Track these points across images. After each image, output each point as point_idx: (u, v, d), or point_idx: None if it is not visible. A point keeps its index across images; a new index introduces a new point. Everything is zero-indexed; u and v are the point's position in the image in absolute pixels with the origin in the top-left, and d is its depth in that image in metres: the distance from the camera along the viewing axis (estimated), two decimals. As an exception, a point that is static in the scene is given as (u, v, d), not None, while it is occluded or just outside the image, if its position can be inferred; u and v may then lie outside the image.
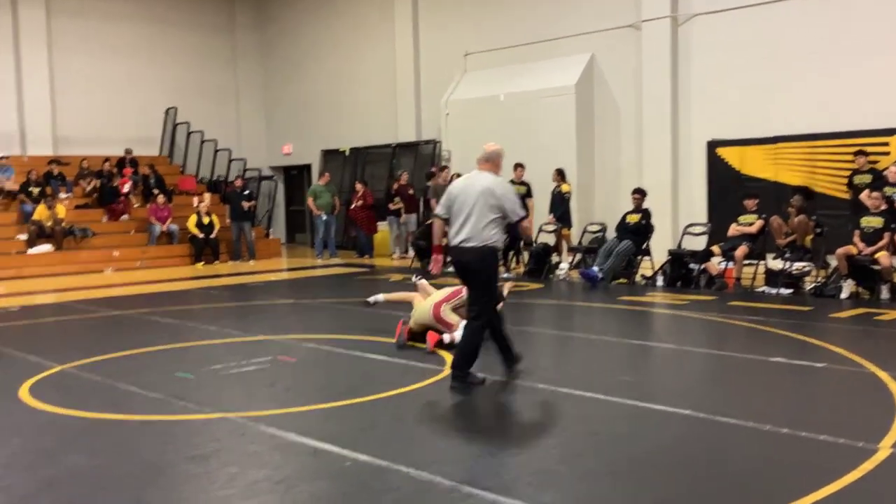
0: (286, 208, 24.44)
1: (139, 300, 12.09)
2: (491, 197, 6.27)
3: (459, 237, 6.33)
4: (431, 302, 7.93)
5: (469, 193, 6.33)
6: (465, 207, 6.30)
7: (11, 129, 19.84)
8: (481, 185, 6.32)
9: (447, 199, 6.51)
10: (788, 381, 6.53)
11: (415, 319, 7.97)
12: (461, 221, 6.32)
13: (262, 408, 5.75)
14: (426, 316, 7.87)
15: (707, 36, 14.84)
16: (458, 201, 6.38)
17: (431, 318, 7.83)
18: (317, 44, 22.26)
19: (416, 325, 7.96)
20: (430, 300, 7.99)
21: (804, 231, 11.42)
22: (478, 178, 6.43)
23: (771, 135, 14.04)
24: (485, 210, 6.25)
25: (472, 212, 6.27)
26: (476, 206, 6.26)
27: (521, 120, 16.54)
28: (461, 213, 6.33)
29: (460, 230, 6.32)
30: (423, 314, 7.92)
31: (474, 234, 6.26)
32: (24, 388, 6.43)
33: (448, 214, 6.49)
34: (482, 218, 6.25)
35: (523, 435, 5.22)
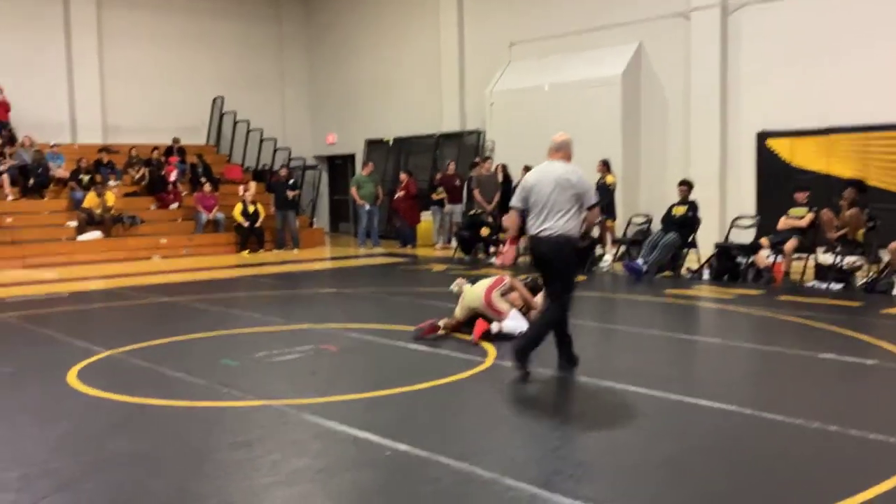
0: (330, 198, 24.59)
1: (185, 287, 12.25)
2: (567, 186, 6.33)
3: (538, 228, 6.37)
4: (483, 287, 7.87)
5: (545, 184, 6.38)
6: (542, 198, 6.36)
7: (62, 118, 20.23)
8: (556, 175, 6.38)
9: (523, 190, 6.54)
10: (838, 379, 6.40)
11: (463, 306, 7.91)
12: (538, 212, 6.37)
13: (305, 396, 5.79)
14: (477, 302, 7.82)
15: (758, 24, 14.56)
16: (535, 192, 6.42)
17: (483, 305, 7.77)
18: (362, 34, 22.31)
19: (464, 311, 7.90)
20: (479, 286, 7.93)
21: (856, 225, 11.16)
22: (552, 168, 6.47)
23: (823, 126, 13.74)
24: (562, 200, 6.31)
25: (549, 202, 6.33)
26: (553, 196, 6.32)
27: (565, 110, 16.39)
28: (538, 204, 6.38)
29: (537, 220, 6.37)
30: (473, 300, 7.85)
31: (553, 224, 6.31)
32: (73, 373, 6.55)
33: (525, 206, 6.51)
34: (560, 208, 6.31)
35: (565, 428, 5.18)
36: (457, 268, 14.16)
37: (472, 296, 7.90)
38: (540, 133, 16.50)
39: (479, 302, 7.81)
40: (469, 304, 7.89)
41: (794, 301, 9.95)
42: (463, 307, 7.93)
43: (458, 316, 7.98)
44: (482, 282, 8.05)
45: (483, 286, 7.91)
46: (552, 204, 6.31)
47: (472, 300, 7.86)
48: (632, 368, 6.64)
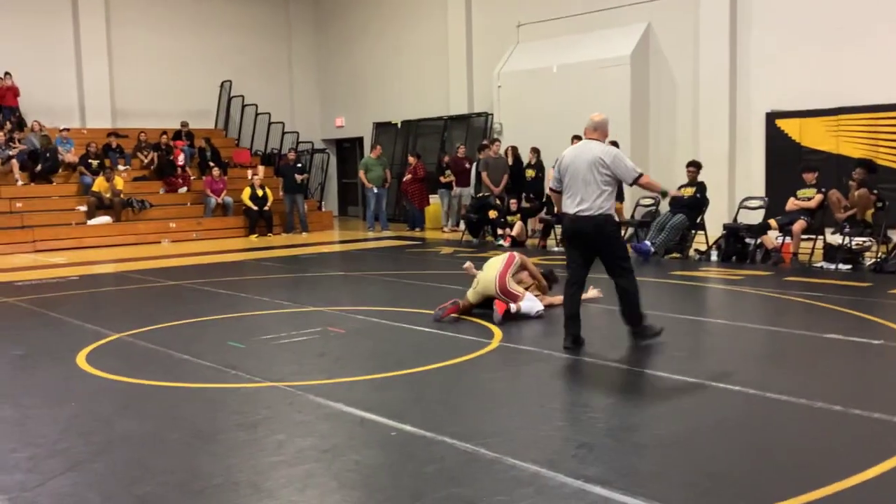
0: (338, 181, 24.62)
1: (194, 271, 12.31)
2: (602, 166, 6.42)
3: (575, 207, 6.49)
4: (496, 273, 7.88)
5: (580, 163, 6.48)
6: (578, 177, 6.47)
7: (71, 103, 20.29)
8: (592, 155, 6.46)
9: (558, 170, 6.67)
10: (843, 358, 6.39)
11: (477, 291, 7.92)
12: (574, 191, 6.50)
13: (311, 377, 5.83)
14: (491, 288, 7.84)
15: (767, 4, 14.46)
16: (570, 172, 6.53)
17: (497, 290, 7.80)
18: (369, 17, 22.25)
19: (477, 297, 7.92)
20: (493, 272, 7.92)
21: (864, 205, 11.12)
22: (587, 148, 6.55)
23: (832, 106, 13.65)
24: (597, 179, 6.41)
25: (584, 181, 6.44)
26: (588, 174, 6.42)
27: (574, 92, 16.35)
28: (574, 184, 6.50)
29: (576, 199, 6.49)
30: (488, 286, 7.86)
31: (589, 203, 6.43)
32: (82, 356, 6.61)
33: (561, 186, 6.64)
34: (595, 187, 6.42)
35: (570, 408, 5.20)
36: (465, 250, 14.19)
37: (486, 282, 7.89)
38: (548, 114, 16.68)
39: (493, 288, 7.82)
40: (483, 291, 7.90)
41: (802, 282, 9.93)
42: (476, 292, 7.93)
43: (472, 300, 8.00)
44: (493, 264, 8.03)
45: (495, 270, 7.89)
46: (588, 184, 6.43)
47: (487, 286, 7.87)
48: (637, 349, 6.64)
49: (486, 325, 7.47)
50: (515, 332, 7.26)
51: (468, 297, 8.03)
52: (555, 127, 16.22)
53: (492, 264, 8.06)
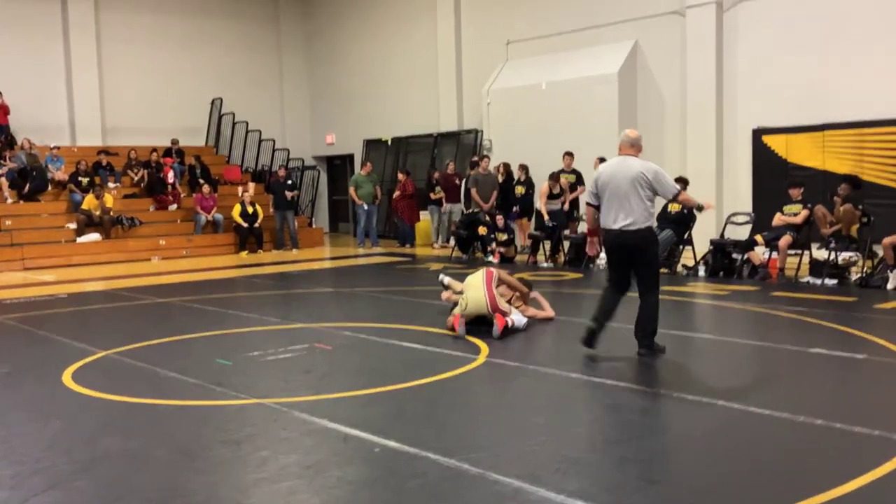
0: (329, 198, 24.65)
1: (184, 288, 12.30)
2: (644, 181, 6.60)
3: (619, 222, 6.66)
4: (483, 293, 7.90)
5: (621, 179, 6.64)
6: (619, 193, 6.63)
7: (62, 121, 20.31)
8: (633, 171, 6.63)
9: (595, 186, 6.85)
10: (826, 373, 6.43)
11: (468, 312, 7.94)
12: (617, 207, 6.66)
13: (297, 394, 5.83)
14: (483, 308, 7.87)
15: (753, 22, 14.60)
16: (610, 188, 6.69)
17: (489, 310, 7.83)
18: (359, 34, 22.36)
19: (467, 317, 7.95)
20: (479, 292, 7.93)
21: (850, 220, 11.20)
22: (626, 164, 6.72)
23: (818, 122, 13.77)
24: (639, 194, 6.60)
25: (627, 196, 6.61)
26: (630, 190, 6.59)
27: (563, 108, 16.46)
28: (616, 199, 6.66)
29: (618, 215, 6.66)
30: (479, 306, 7.88)
31: (633, 217, 6.61)
32: (68, 374, 6.60)
33: (598, 201, 6.84)
34: (638, 201, 6.60)
35: (553, 423, 5.21)
36: (454, 266, 14.21)
37: (475, 302, 7.90)
38: (537, 131, 16.77)
39: (484, 308, 7.85)
40: (474, 311, 7.91)
41: (788, 297, 9.99)
42: (467, 314, 7.93)
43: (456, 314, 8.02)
44: (475, 284, 8.04)
45: (482, 291, 7.91)
46: (630, 199, 6.59)
47: (477, 306, 7.89)
48: (623, 365, 6.67)
49: (473, 341, 7.49)
50: (502, 348, 7.28)
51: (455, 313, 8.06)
52: (544, 143, 16.33)
53: (474, 284, 8.06)
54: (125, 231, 17.42)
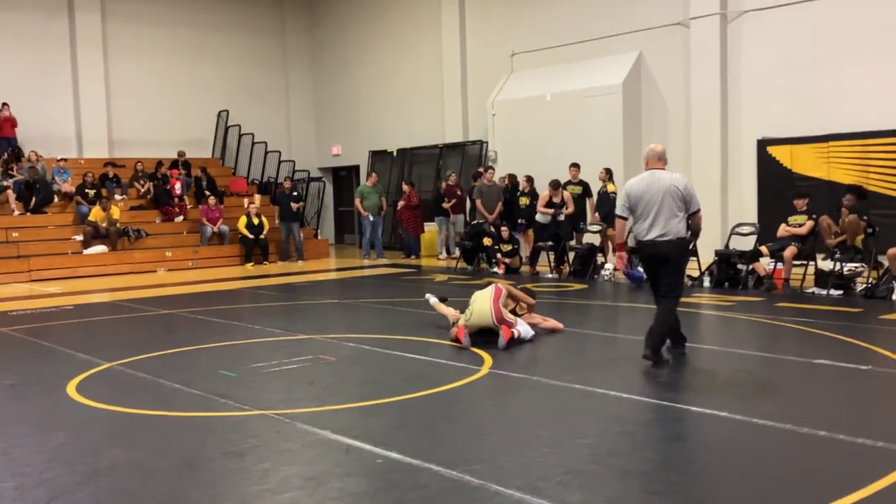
0: (335, 209, 24.70)
1: (189, 300, 12.33)
2: (676, 193, 6.88)
3: (653, 233, 6.90)
4: (489, 306, 7.92)
5: (654, 192, 6.89)
6: (654, 205, 6.88)
7: (69, 133, 20.42)
8: (666, 183, 6.91)
9: (627, 200, 7.06)
10: (831, 384, 6.41)
11: (472, 323, 7.95)
12: (652, 219, 6.90)
13: (300, 405, 5.84)
14: (487, 320, 7.88)
15: (757, 33, 14.62)
16: (644, 201, 6.93)
17: (495, 322, 7.85)
18: (365, 46, 22.45)
19: (472, 328, 7.96)
20: (485, 303, 7.95)
21: (855, 231, 11.18)
22: (658, 177, 6.98)
23: (823, 133, 13.76)
24: (672, 206, 6.86)
25: (661, 208, 6.86)
26: (664, 202, 6.85)
27: (567, 120, 16.50)
28: (650, 211, 6.90)
29: (652, 227, 6.90)
30: (484, 318, 7.90)
31: (668, 228, 6.86)
32: (72, 385, 6.62)
33: (629, 215, 7.06)
34: (672, 213, 6.87)
35: (556, 435, 5.20)
36: (459, 277, 14.23)
37: (479, 314, 7.92)
38: (542, 142, 16.80)
39: (490, 320, 7.86)
40: (478, 323, 7.93)
41: (793, 307, 9.96)
42: (471, 324, 7.94)
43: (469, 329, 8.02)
44: (483, 297, 8.06)
45: (487, 303, 7.94)
46: (664, 210, 6.84)
47: (482, 318, 7.91)
48: (628, 375, 6.67)
49: (477, 353, 7.49)
50: (505, 359, 7.28)
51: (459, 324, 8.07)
52: (549, 154, 16.36)
53: (481, 297, 8.08)
54: (131, 243, 17.49)
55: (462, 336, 7.78)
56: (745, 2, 14.76)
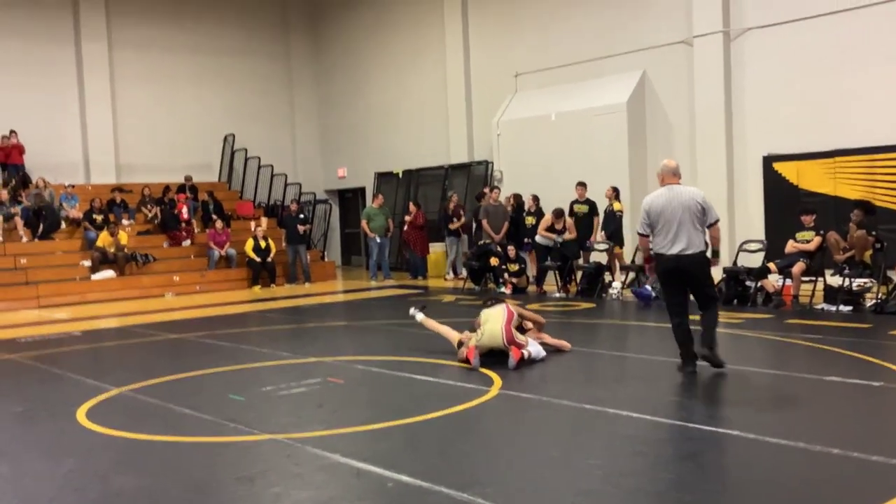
0: (341, 231, 24.73)
1: (197, 324, 12.34)
2: (696, 207, 7.07)
3: (677, 247, 7.06)
4: (500, 327, 7.91)
5: (675, 207, 7.05)
6: (675, 220, 7.05)
7: (76, 159, 20.53)
8: (686, 198, 7.10)
9: (647, 217, 7.21)
10: (843, 401, 6.37)
11: (483, 343, 7.94)
12: (674, 233, 7.06)
13: (310, 429, 5.82)
14: (499, 342, 7.87)
15: (760, 50, 14.65)
16: (665, 216, 7.08)
17: (504, 343, 7.84)
18: (369, 69, 22.57)
19: (483, 348, 7.95)
20: (497, 325, 7.95)
21: (863, 246, 11.15)
22: (678, 192, 7.15)
23: (829, 148, 13.76)
24: (693, 219, 7.05)
25: (682, 223, 7.03)
26: (684, 217, 7.03)
27: (572, 139, 16.53)
28: (671, 226, 7.06)
29: (675, 241, 7.06)
30: (494, 340, 7.89)
31: (690, 242, 7.04)
32: (82, 411, 6.61)
33: (650, 231, 7.21)
34: (693, 226, 7.06)
35: (568, 455, 5.17)
36: (466, 298, 14.21)
37: (491, 334, 7.92)
38: (548, 161, 16.82)
39: (500, 341, 7.85)
40: (489, 344, 7.92)
41: (803, 324, 9.93)
42: (482, 345, 7.93)
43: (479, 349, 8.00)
44: (494, 317, 8.04)
45: (499, 324, 7.93)
46: (685, 225, 7.02)
47: (493, 339, 7.90)
48: (639, 395, 6.63)
49: (486, 373, 7.47)
50: (515, 380, 7.26)
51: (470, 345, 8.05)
52: (554, 173, 16.38)
53: (494, 317, 8.06)
54: (139, 268, 17.52)
55: (472, 357, 7.77)
56: (748, 19, 14.81)
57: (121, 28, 21.08)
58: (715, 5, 14.98)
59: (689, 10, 15.40)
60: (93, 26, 20.56)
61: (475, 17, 19.68)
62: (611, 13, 16.74)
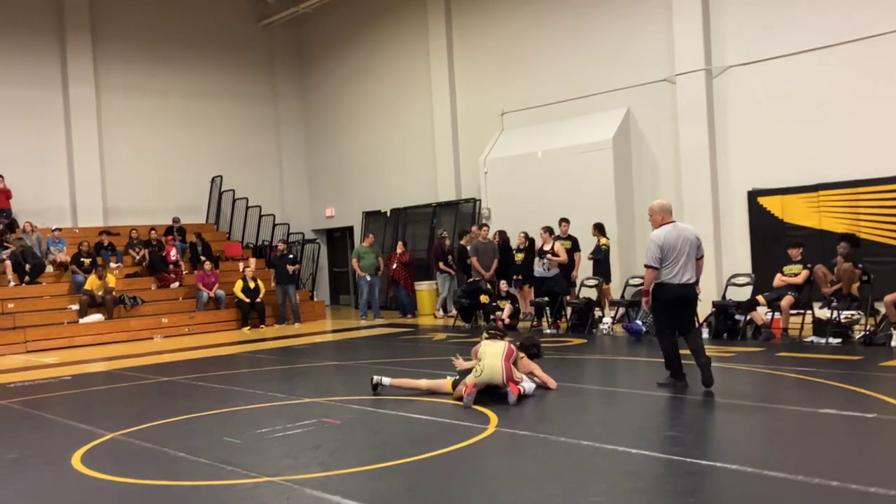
0: (330, 270, 24.74)
1: (187, 366, 12.28)
2: (696, 241, 8.18)
3: (684, 277, 8.08)
4: (500, 363, 7.94)
5: (684, 242, 8.08)
6: (683, 253, 8.05)
7: (63, 203, 20.53)
8: (689, 233, 8.19)
9: (662, 250, 8.05)
10: (838, 433, 6.41)
11: (482, 379, 7.96)
12: (682, 265, 8.04)
13: (307, 471, 5.80)
14: (498, 378, 7.91)
15: (742, 87, 14.90)
16: (676, 250, 8.03)
17: (503, 380, 7.87)
18: (356, 109, 22.76)
19: (481, 384, 7.96)
20: (497, 360, 7.97)
21: (850, 279, 11.27)
22: (682, 228, 8.25)
23: (812, 182, 13.95)
24: (693, 253, 8.13)
25: (688, 256, 8.08)
26: (691, 251, 8.10)
27: (559, 176, 16.68)
28: (679, 259, 8.04)
29: (683, 272, 8.06)
30: (494, 376, 7.92)
31: (692, 273, 8.13)
32: (77, 457, 6.56)
33: (659, 264, 8.06)
34: (692, 259, 8.14)
35: (567, 492, 5.18)
36: (456, 335, 14.23)
37: (491, 370, 7.94)
38: (534, 199, 16.95)
39: (500, 378, 7.89)
40: (489, 380, 7.94)
41: (793, 357, 9.99)
42: (481, 380, 7.94)
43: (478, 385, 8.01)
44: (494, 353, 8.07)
45: (499, 361, 7.96)
46: (690, 257, 8.07)
47: (493, 375, 7.93)
48: (634, 430, 6.66)
49: (482, 411, 7.47)
50: (511, 417, 7.26)
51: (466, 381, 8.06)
52: (541, 210, 16.47)
53: (492, 353, 8.08)
54: (128, 310, 17.45)
55: (466, 394, 7.77)
56: (729, 57, 15.08)
57: (108, 72, 21.20)
58: (696, 44, 15.26)
59: (672, 48, 15.67)
60: (80, 70, 20.68)
61: (461, 57, 19.93)
62: (595, 52, 17.00)
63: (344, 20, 22.98)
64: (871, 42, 13.32)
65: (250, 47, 23.89)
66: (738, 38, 14.94)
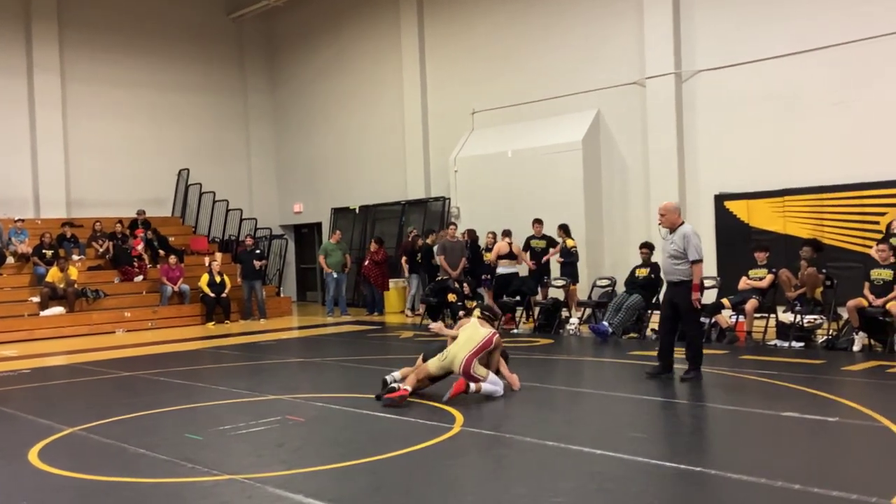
0: (297, 266, 24.56)
1: (150, 361, 12.12)
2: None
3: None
4: (464, 355, 7.87)
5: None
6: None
7: (26, 194, 20.16)
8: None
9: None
10: (800, 436, 6.47)
11: (444, 364, 7.91)
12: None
13: (270, 469, 5.73)
14: (456, 367, 7.85)
15: (711, 91, 15.02)
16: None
17: (460, 372, 7.81)
18: (326, 105, 22.62)
19: (441, 369, 7.91)
20: (462, 350, 7.89)
21: (814, 283, 11.40)
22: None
23: (778, 187, 14.10)
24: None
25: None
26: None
27: (529, 176, 16.70)
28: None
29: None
30: (454, 363, 7.88)
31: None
32: (34, 452, 6.43)
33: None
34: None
35: (533, 492, 5.16)
36: (424, 334, 14.18)
37: (453, 358, 7.90)
38: (504, 198, 16.97)
39: (457, 367, 7.82)
40: (449, 366, 7.90)
41: (757, 360, 10.08)
42: (442, 366, 7.90)
43: (432, 370, 7.97)
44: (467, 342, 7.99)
45: (466, 351, 7.89)
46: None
47: (454, 362, 7.87)
48: (598, 431, 6.67)
49: (447, 410, 7.44)
50: (477, 417, 7.24)
51: (428, 366, 8.01)
52: (511, 210, 16.51)
53: (465, 342, 8.01)
54: (90, 304, 17.19)
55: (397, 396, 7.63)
56: (698, 62, 15.19)
57: (74, 61, 20.86)
58: (666, 48, 15.36)
59: (642, 51, 15.76)
60: (46, 58, 20.32)
61: (433, 55, 19.89)
62: (566, 53, 17.04)
63: (316, 14, 22.84)
64: (839, 49, 13.47)
65: (220, 40, 23.64)
66: (707, 43, 15.06)
